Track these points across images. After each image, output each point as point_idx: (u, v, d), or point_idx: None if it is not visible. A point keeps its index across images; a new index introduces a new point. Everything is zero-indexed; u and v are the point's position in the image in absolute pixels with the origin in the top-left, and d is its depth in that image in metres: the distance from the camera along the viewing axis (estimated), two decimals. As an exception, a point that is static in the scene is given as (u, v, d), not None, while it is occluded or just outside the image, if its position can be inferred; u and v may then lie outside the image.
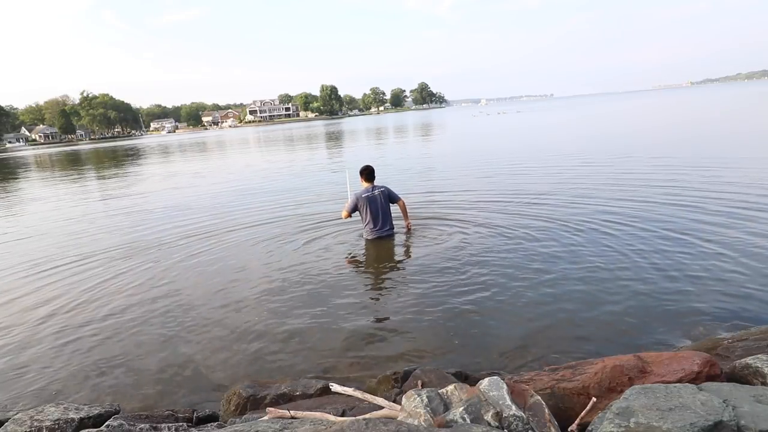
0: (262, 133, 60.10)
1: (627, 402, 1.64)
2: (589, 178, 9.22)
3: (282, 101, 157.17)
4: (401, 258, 5.36)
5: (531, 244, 5.29)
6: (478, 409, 1.76)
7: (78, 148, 59.45)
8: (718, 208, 6.12)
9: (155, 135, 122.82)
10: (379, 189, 5.92)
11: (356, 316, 3.90)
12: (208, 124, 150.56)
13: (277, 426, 1.87)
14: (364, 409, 2.25)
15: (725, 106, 32.86)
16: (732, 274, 4.08)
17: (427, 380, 2.50)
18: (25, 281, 5.58)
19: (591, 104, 73.36)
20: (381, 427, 1.58)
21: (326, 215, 7.52)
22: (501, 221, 6.36)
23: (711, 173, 8.54)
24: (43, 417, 2.32)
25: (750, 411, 1.52)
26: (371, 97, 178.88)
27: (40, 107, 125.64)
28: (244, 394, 2.60)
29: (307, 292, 4.46)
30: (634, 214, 6.21)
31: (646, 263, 4.47)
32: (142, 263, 5.86)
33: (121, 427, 2.25)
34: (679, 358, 2.09)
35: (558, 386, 2.07)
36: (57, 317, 4.39)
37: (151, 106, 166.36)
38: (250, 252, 5.97)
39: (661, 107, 42.67)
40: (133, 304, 4.55)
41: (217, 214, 8.55)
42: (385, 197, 5.91)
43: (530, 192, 8.23)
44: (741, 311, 3.44)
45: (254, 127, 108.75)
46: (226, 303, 4.40)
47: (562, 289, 4.09)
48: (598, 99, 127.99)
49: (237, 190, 11.59)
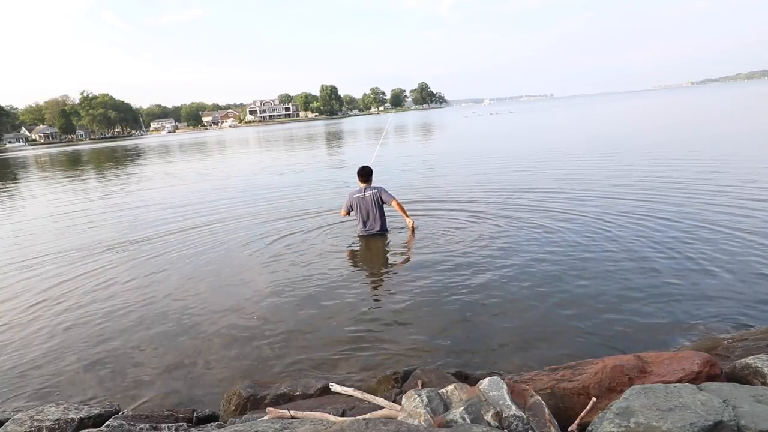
0: (262, 133, 60.11)
1: (627, 402, 1.64)
2: (588, 178, 9.22)
3: (282, 101, 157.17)
4: (400, 257, 5.35)
5: (530, 244, 5.29)
6: (478, 409, 1.76)
7: (78, 148, 59.46)
8: (718, 208, 6.12)
9: (155, 135, 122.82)
10: (372, 190, 6.05)
11: (356, 315, 3.90)
12: (208, 124, 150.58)
13: (277, 426, 1.87)
14: (364, 409, 2.25)
15: (730, 107, 32.83)
16: (732, 273, 4.08)
17: (427, 380, 2.50)
18: (25, 281, 5.58)
19: (590, 104, 73.38)
20: (381, 427, 1.58)
21: (327, 215, 7.52)
22: (500, 221, 6.36)
23: (711, 173, 8.54)
24: (43, 417, 2.32)
25: (750, 411, 1.52)
26: (371, 97, 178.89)
27: (40, 107, 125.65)
28: (244, 394, 2.60)
29: (307, 292, 4.46)
30: (633, 213, 6.21)
31: (646, 263, 4.47)
32: (140, 263, 5.85)
33: (121, 427, 2.25)
34: (679, 358, 2.09)
35: (558, 386, 2.07)
36: (57, 317, 4.39)
37: (151, 106, 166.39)
38: (250, 251, 5.96)
39: (661, 107, 42.68)
40: (132, 305, 4.54)
41: (217, 215, 8.54)
42: (376, 198, 6.02)
43: (527, 192, 8.23)
44: (741, 311, 3.44)
45: (254, 127, 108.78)
46: (225, 302, 4.40)
47: (561, 289, 4.09)
48: (598, 99, 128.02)
49: (238, 189, 11.59)
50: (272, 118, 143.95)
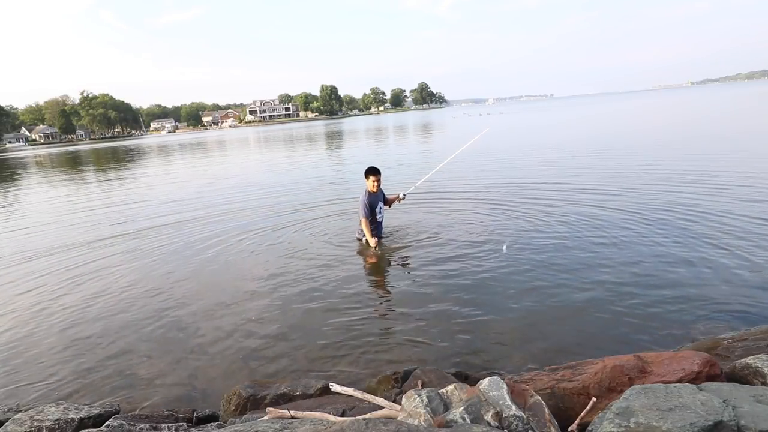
0: (262, 133, 60.10)
1: (627, 402, 1.64)
2: (587, 177, 9.22)
3: (282, 101, 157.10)
4: (400, 257, 5.35)
5: (529, 244, 5.29)
6: (478, 409, 1.76)
7: (79, 148, 59.44)
8: (718, 208, 6.12)
9: (155, 135, 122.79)
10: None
11: (356, 315, 3.90)
12: (208, 124, 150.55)
13: (277, 426, 1.87)
14: (364, 409, 2.25)
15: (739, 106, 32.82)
16: (732, 273, 4.08)
17: (427, 380, 2.49)
18: (23, 280, 5.58)
19: (592, 104, 73.32)
20: (381, 427, 1.58)
21: (326, 214, 7.52)
22: (498, 220, 6.36)
23: (710, 173, 8.54)
24: (43, 417, 2.32)
25: (750, 411, 1.52)
26: (371, 97, 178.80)
27: (40, 107, 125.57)
28: (244, 394, 2.60)
29: (307, 292, 4.46)
30: (632, 213, 6.21)
31: (646, 263, 4.47)
32: (140, 263, 5.85)
33: (121, 427, 2.25)
34: (679, 358, 2.09)
35: (558, 386, 2.07)
36: (56, 317, 4.39)
37: (151, 106, 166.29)
38: (250, 251, 5.96)
39: (662, 107, 42.66)
40: (132, 305, 4.55)
41: (218, 214, 8.54)
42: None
43: (525, 191, 8.23)
44: (741, 311, 3.44)
45: (254, 127, 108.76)
46: (226, 302, 4.40)
47: (562, 289, 4.09)
48: (598, 99, 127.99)
49: (240, 188, 11.59)
50: (272, 118, 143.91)
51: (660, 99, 72.04)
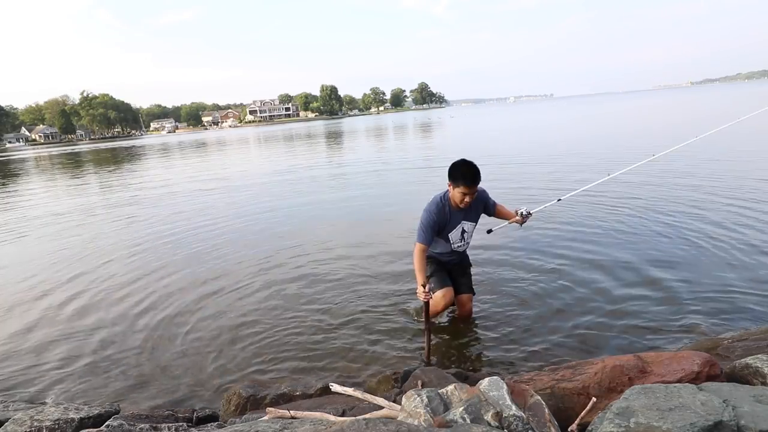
0: (262, 133, 60.07)
1: (627, 402, 1.64)
2: (584, 176, 9.20)
3: (282, 101, 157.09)
4: (399, 257, 5.34)
5: (529, 244, 5.28)
6: (478, 409, 1.75)
7: (79, 148, 59.41)
8: (719, 208, 6.12)
9: (155, 135, 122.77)
10: None
11: (355, 315, 3.90)
12: (208, 124, 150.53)
13: (277, 426, 1.87)
14: (364, 409, 2.25)
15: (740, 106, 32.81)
16: (732, 273, 4.08)
17: (427, 380, 2.49)
18: (23, 280, 5.58)
19: (589, 104, 73.23)
20: (381, 427, 1.58)
21: (326, 214, 7.52)
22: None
23: (710, 173, 8.53)
24: (43, 417, 2.31)
25: (750, 411, 1.51)
26: (371, 97, 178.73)
27: (40, 107, 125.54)
28: (244, 394, 2.60)
29: (306, 292, 4.46)
30: (632, 213, 6.21)
31: (646, 263, 4.47)
32: (140, 262, 5.85)
33: (121, 427, 2.25)
34: (679, 358, 2.09)
35: (558, 386, 2.07)
36: (56, 317, 4.39)
37: (151, 106, 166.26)
38: (249, 250, 5.96)
39: (660, 107, 42.66)
40: (132, 304, 4.55)
41: (217, 214, 8.54)
42: None
43: (524, 190, 8.22)
44: (741, 311, 3.44)
45: (254, 127, 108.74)
46: (226, 302, 4.40)
47: (562, 288, 4.09)
48: (598, 99, 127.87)
49: (242, 187, 11.59)
50: (272, 118, 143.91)
51: (661, 99, 71.91)
